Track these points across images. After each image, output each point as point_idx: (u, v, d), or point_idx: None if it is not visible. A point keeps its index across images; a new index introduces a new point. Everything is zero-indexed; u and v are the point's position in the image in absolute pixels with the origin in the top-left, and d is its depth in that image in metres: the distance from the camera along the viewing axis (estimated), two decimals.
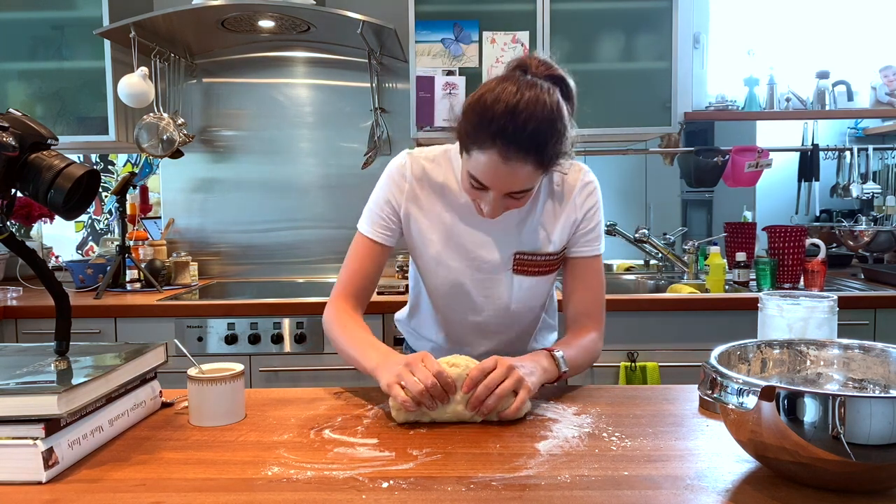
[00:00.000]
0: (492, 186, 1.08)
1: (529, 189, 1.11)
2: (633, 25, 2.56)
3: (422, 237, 1.28)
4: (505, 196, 1.10)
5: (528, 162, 1.05)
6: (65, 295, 0.99)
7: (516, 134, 1.02)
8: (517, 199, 1.12)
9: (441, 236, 1.27)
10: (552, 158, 1.08)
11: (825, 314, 1.12)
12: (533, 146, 1.04)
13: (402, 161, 1.27)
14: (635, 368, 2.27)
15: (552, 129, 1.05)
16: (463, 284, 1.28)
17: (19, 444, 0.82)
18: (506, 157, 1.04)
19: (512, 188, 1.08)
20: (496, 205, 1.11)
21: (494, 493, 0.77)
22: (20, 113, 0.93)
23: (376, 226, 1.27)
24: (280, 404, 1.12)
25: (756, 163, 2.80)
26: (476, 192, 1.12)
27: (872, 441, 0.68)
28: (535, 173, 1.08)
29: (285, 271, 2.98)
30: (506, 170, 1.05)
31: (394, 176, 1.27)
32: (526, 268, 1.27)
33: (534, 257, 1.26)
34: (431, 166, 1.26)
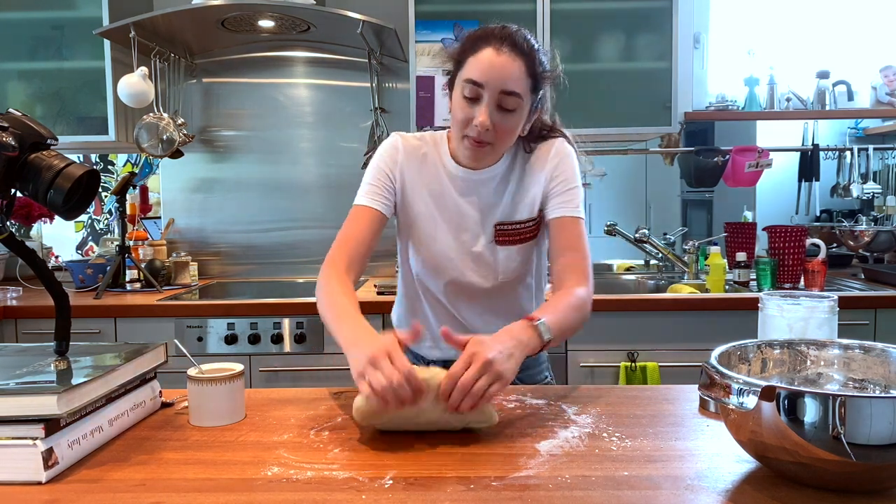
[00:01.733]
0: (485, 82, 1.14)
1: (517, 95, 1.15)
2: (633, 25, 2.56)
3: (414, 209, 1.32)
4: (497, 108, 1.16)
5: (520, 58, 1.15)
6: (65, 295, 0.99)
7: (509, 34, 1.16)
8: (507, 114, 1.17)
9: (431, 209, 1.31)
10: (540, 71, 1.18)
11: (825, 314, 1.12)
12: (524, 46, 1.16)
13: (394, 139, 1.34)
14: (635, 368, 2.27)
15: (538, 46, 1.20)
16: (452, 258, 1.31)
17: (19, 444, 0.81)
18: (499, 51, 1.15)
19: (504, 85, 1.14)
20: (488, 109, 1.15)
21: (494, 493, 0.77)
22: (20, 113, 0.93)
23: (372, 194, 1.29)
24: (280, 404, 1.12)
25: (756, 163, 2.80)
26: (469, 107, 1.17)
27: (872, 441, 0.68)
28: (524, 77, 1.16)
29: (285, 271, 2.98)
30: (499, 60, 1.14)
31: (387, 149, 1.33)
32: (507, 237, 1.30)
33: (513, 226, 1.30)
34: (419, 143, 1.34)
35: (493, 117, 1.16)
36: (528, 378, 1.41)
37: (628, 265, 3.06)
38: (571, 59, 2.55)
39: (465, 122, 1.19)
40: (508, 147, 1.27)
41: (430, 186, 1.31)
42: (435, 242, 1.32)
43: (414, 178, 1.32)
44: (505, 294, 1.35)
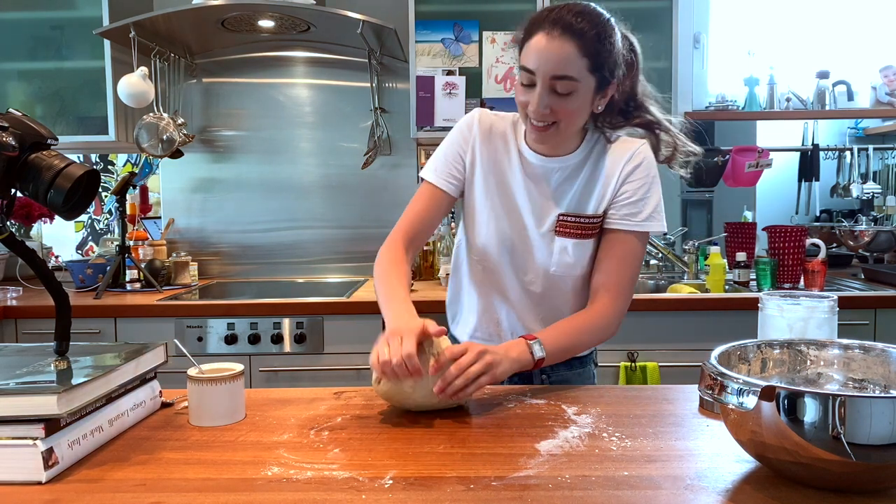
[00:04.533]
0: (536, 69, 1.13)
1: (570, 79, 1.13)
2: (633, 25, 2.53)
3: (480, 188, 1.32)
4: (551, 92, 1.14)
5: (572, 40, 1.11)
6: (65, 295, 0.99)
7: (561, 15, 1.12)
8: (562, 98, 1.15)
9: (494, 190, 1.31)
10: (597, 51, 1.13)
11: (825, 314, 1.12)
12: (577, 25, 1.11)
13: (472, 115, 1.34)
14: (635, 368, 2.27)
15: (598, 21, 1.14)
16: (511, 238, 1.31)
17: (19, 444, 0.81)
18: (550, 35, 1.11)
19: (555, 70, 1.12)
20: (541, 96, 1.14)
21: (494, 493, 0.77)
22: (20, 113, 0.93)
23: (441, 173, 1.31)
24: (280, 404, 1.12)
25: (756, 163, 2.81)
26: (526, 93, 1.16)
27: (872, 441, 0.68)
28: (578, 58, 1.12)
29: (285, 271, 2.98)
30: (549, 46, 1.11)
31: (462, 129, 1.33)
32: (568, 230, 1.28)
33: (576, 219, 1.28)
34: (499, 123, 1.33)
35: (547, 102, 1.15)
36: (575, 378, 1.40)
37: None
38: None
39: (523, 106, 1.20)
40: (577, 127, 1.23)
41: (500, 167, 1.31)
42: (490, 225, 1.31)
43: (485, 157, 1.31)
44: (557, 290, 1.32)
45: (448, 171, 1.31)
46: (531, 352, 1.14)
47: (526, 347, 1.14)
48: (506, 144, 1.32)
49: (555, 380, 1.38)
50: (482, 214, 1.32)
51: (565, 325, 1.23)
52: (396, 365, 0.99)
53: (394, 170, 2.94)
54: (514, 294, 1.34)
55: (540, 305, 1.34)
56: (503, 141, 1.32)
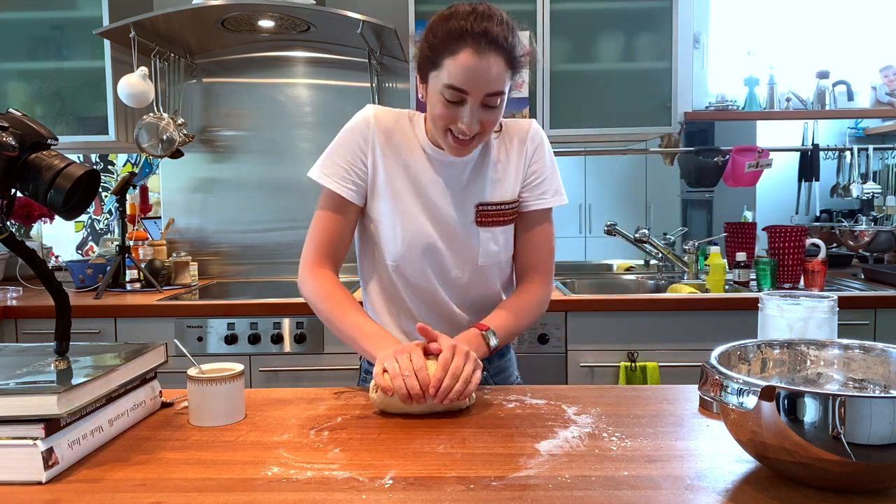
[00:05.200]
0: (469, 88, 1.10)
1: (502, 93, 1.12)
2: (633, 25, 2.56)
3: (387, 187, 1.25)
4: (481, 106, 1.12)
5: (500, 55, 1.09)
6: (65, 295, 0.99)
7: (485, 29, 1.08)
8: (491, 110, 1.13)
9: (407, 187, 1.25)
10: (518, 58, 1.13)
11: (825, 314, 1.12)
12: (502, 38, 1.09)
13: (366, 112, 1.28)
14: (635, 368, 2.27)
15: (512, 27, 1.12)
16: (433, 241, 1.26)
17: (19, 444, 0.81)
18: (479, 52, 1.08)
19: (488, 87, 1.10)
20: (473, 113, 1.12)
21: (494, 493, 0.77)
22: (20, 113, 0.93)
23: (340, 178, 1.24)
24: (280, 404, 1.12)
25: (756, 163, 2.81)
26: (451, 110, 1.12)
27: (873, 441, 0.68)
28: (505, 72, 1.11)
29: (285, 271, 2.98)
30: (481, 65, 1.08)
31: (359, 129, 1.26)
32: (489, 219, 1.27)
33: (496, 207, 1.27)
34: (393, 117, 1.28)
35: (478, 117, 1.13)
36: (501, 381, 1.39)
37: (628, 265, 3.06)
38: (571, 59, 2.56)
39: (446, 121, 1.14)
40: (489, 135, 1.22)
41: (403, 166, 1.25)
42: (410, 225, 1.25)
43: (387, 155, 1.25)
44: (484, 277, 1.31)
45: (349, 175, 1.24)
46: (487, 342, 1.19)
47: (482, 340, 1.19)
48: (408, 142, 1.26)
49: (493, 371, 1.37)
50: (396, 218, 1.25)
51: (509, 310, 1.26)
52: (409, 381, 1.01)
53: None
54: (438, 293, 1.29)
55: (464, 297, 1.32)
56: (404, 139, 1.26)
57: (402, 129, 1.27)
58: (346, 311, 1.20)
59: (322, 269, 1.24)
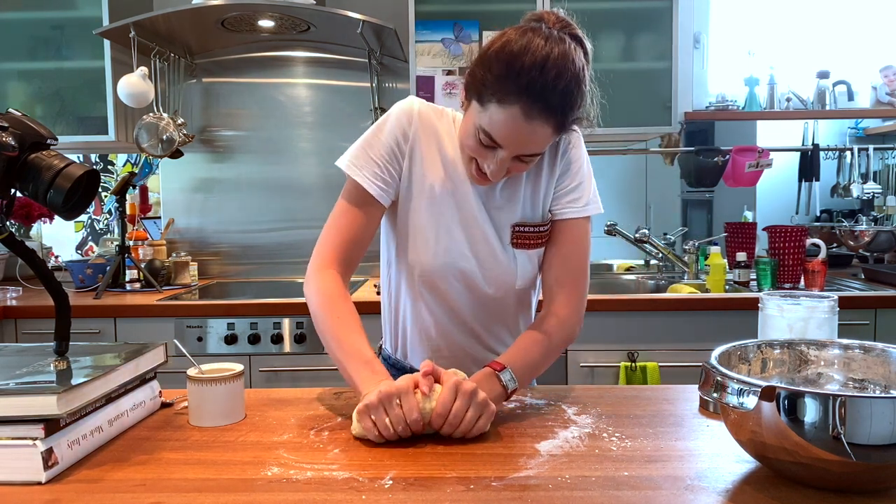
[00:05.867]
0: (506, 145, 1.00)
1: (539, 154, 1.04)
2: (633, 25, 2.56)
3: (427, 193, 1.13)
4: (512, 160, 1.03)
5: (549, 123, 0.98)
6: (64, 295, 0.99)
7: (545, 91, 0.95)
8: (523, 163, 1.04)
9: (447, 196, 1.14)
10: (572, 123, 1.03)
11: (825, 314, 1.11)
12: (559, 106, 0.97)
13: (410, 105, 1.15)
14: (635, 368, 2.27)
15: (578, 90, 1.00)
16: (467, 260, 1.16)
17: (19, 444, 0.81)
18: (529, 115, 0.97)
19: (527, 149, 1.01)
20: (502, 166, 1.03)
21: (494, 494, 0.77)
22: (20, 113, 0.93)
23: (375, 177, 1.11)
24: (280, 404, 1.12)
25: (756, 163, 2.81)
26: (482, 150, 1.03)
27: (873, 441, 0.68)
28: (550, 137, 1.01)
29: (285, 271, 2.98)
30: (527, 128, 0.98)
31: (399, 121, 1.13)
32: (525, 240, 1.17)
33: (533, 229, 1.16)
34: (437, 115, 1.16)
35: (507, 166, 1.04)
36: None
37: (628, 265, 3.06)
38: None
39: (474, 153, 1.06)
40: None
41: (446, 168, 1.14)
42: (448, 239, 1.15)
43: (427, 159, 1.13)
44: (514, 300, 1.23)
45: (381, 173, 1.11)
46: (502, 383, 1.02)
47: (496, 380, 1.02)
48: (451, 144, 1.14)
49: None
50: (431, 227, 1.15)
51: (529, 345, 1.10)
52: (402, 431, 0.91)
53: None
54: (467, 313, 1.20)
55: (492, 317, 1.23)
56: (448, 140, 1.14)
57: (446, 128, 1.16)
58: (343, 328, 1.06)
59: (331, 270, 1.11)
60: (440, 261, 1.16)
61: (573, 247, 1.16)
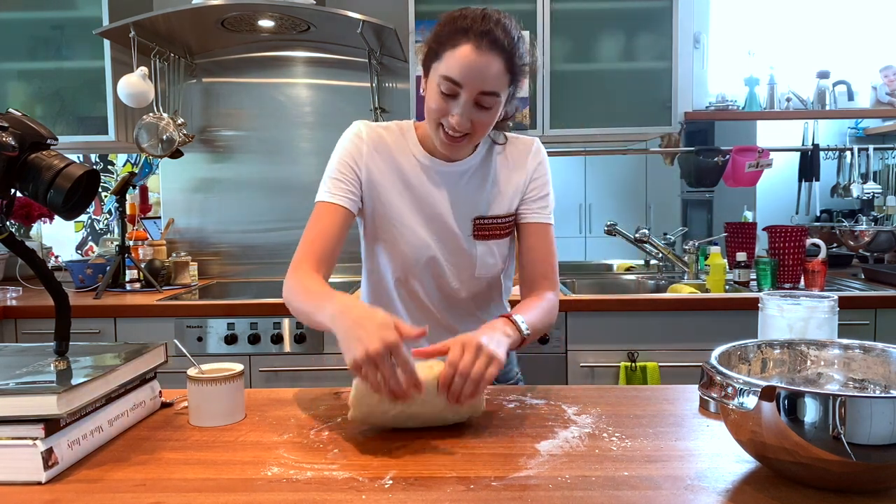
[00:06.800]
0: (464, 82, 1.10)
1: (496, 94, 1.13)
2: (633, 25, 2.56)
3: (386, 201, 1.26)
4: (474, 105, 1.13)
5: (500, 56, 1.10)
6: (64, 295, 0.99)
7: (489, 28, 1.09)
8: (484, 111, 1.14)
9: (405, 200, 1.26)
10: (519, 64, 1.14)
11: (826, 314, 1.12)
12: (504, 41, 1.10)
13: (356, 128, 1.28)
14: (635, 368, 2.27)
15: (519, 34, 1.13)
16: (432, 253, 1.27)
17: (19, 444, 0.81)
18: (479, 49, 1.09)
19: (484, 85, 1.11)
20: (466, 109, 1.12)
21: (494, 494, 0.77)
22: (20, 113, 0.93)
23: (336, 189, 1.23)
24: (280, 404, 1.12)
25: (756, 163, 2.81)
26: (446, 103, 1.13)
27: (873, 441, 0.68)
28: (503, 74, 1.12)
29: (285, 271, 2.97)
30: (480, 61, 1.09)
31: (352, 139, 1.26)
32: (486, 232, 1.29)
33: (493, 220, 1.29)
34: (385, 132, 1.28)
35: (469, 115, 1.13)
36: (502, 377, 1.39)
37: (628, 265, 3.06)
38: (571, 59, 2.55)
39: (439, 114, 1.15)
40: (483, 137, 1.23)
41: (400, 178, 1.26)
42: (411, 238, 1.26)
43: (382, 170, 1.25)
44: (480, 292, 1.33)
45: (341, 186, 1.23)
46: (518, 328, 1.09)
47: (513, 326, 1.09)
48: (401, 155, 1.27)
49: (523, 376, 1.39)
50: (392, 232, 1.27)
51: (532, 306, 1.20)
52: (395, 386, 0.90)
53: None
54: (439, 303, 1.32)
55: (464, 308, 1.34)
56: (397, 151, 1.27)
57: (393, 140, 1.28)
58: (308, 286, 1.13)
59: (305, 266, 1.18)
60: (409, 256, 1.28)
61: (546, 245, 1.30)
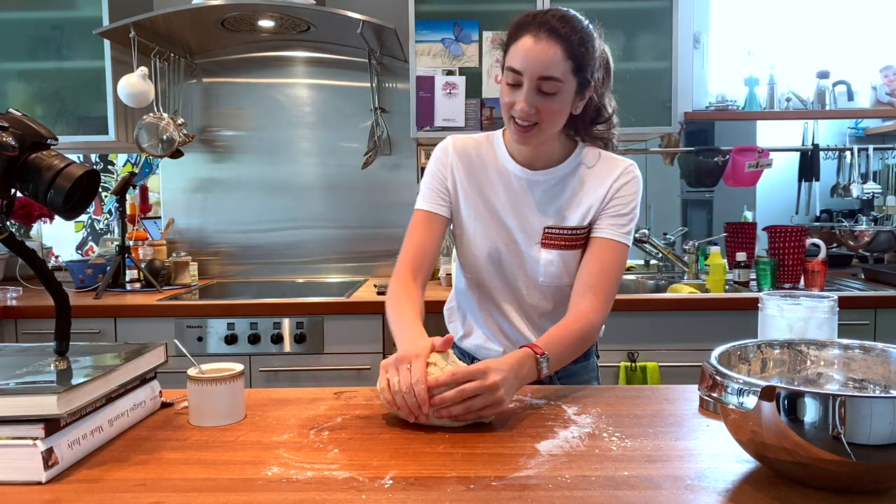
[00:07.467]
0: (523, 69, 1.16)
1: (555, 79, 1.16)
2: (633, 25, 2.56)
3: (466, 206, 1.35)
4: (537, 92, 1.17)
5: (557, 43, 1.15)
6: (65, 295, 0.99)
7: (547, 19, 1.17)
8: (546, 97, 1.18)
9: (482, 207, 1.34)
10: (581, 52, 1.18)
11: (825, 314, 1.12)
12: (562, 29, 1.16)
13: (445, 142, 1.38)
14: (635, 368, 2.27)
15: (581, 26, 1.19)
16: (500, 253, 1.34)
17: (19, 444, 0.81)
18: (537, 38, 1.16)
19: (542, 70, 1.16)
20: (528, 95, 1.17)
21: (494, 494, 0.77)
22: (20, 113, 0.93)
23: (428, 198, 1.35)
24: (280, 404, 1.12)
25: (756, 163, 2.81)
26: (512, 93, 1.20)
27: (872, 441, 0.68)
28: (563, 60, 1.16)
29: (285, 271, 2.98)
30: (536, 48, 1.15)
31: (438, 154, 1.37)
32: (553, 241, 1.31)
33: (561, 231, 1.31)
34: (473, 144, 1.37)
35: (533, 101, 1.18)
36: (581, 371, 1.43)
37: (628, 265, 3.06)
38: None
39: (508, 107, 1.22)
40: (557, 128, 1.25)
41: (481, 186, 1.34)
42: (482, 242, 1.34)
43: (466, 178, 1.34)
44: (545, 297, 1.36)
45: (436, 195, 1.35)
46: (539, 369, 1.10)
47: (534, 365, 1.10)
48: (484, 163, 1.35)
49: (562, 374, 1.39)
50: (469, 234, 1.36)
51: (563, 335, 1.19)
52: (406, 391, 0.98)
53: (394, 170, 2.94)
54: (508, 305, 1.38)
55: (533, 313, 1.38)
56: (481, 160, 1.35)
57: (479, 150, 1.36)
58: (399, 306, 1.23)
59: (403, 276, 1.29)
60: (478, 257, 1.36)
61: (610, 261, 1.29)
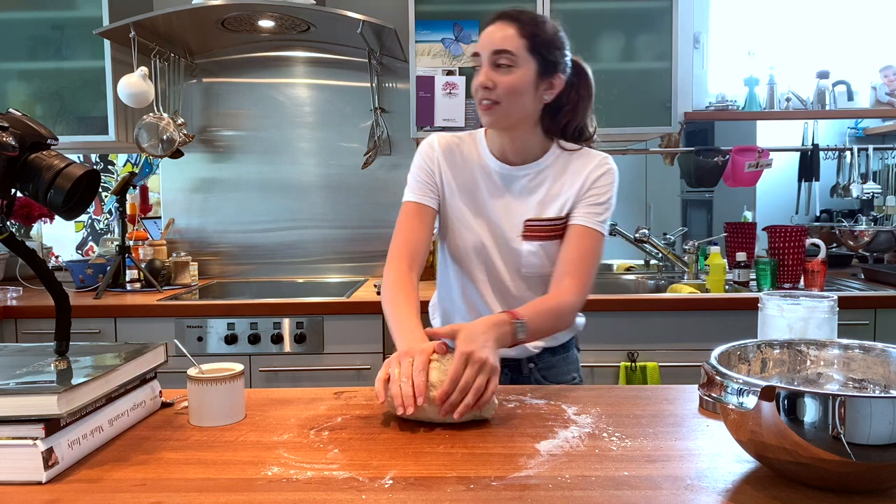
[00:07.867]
0: (480, 48, 1.27)
1: (507, 52, 1.24)
2: (633, 25, 2.56)
3: (450, 202, 1.40)
4: (493, 67, 1.25)
5: (511, 23, 1.25)
6: (65, 295, 0.99)
7: (507, 10, 1.28)
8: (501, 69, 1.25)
9: (467, 201, 1.39)
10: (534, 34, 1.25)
11: (825, 314, 1.12)
12: (518, 14, 1.27)
13: (430, 139, 1.42)
14: (635, 368, 2.27)
15: (541, 18, 1.29)
16: (485, 247, 1.38)
17: (19, 444, 0.81)
18: (494, 23, 1.27)
19: (496, 45, 1.25)
20: (486, 70, 1.26)
21: (494, 494, 0.77)
22: (20, 113, 0.93)
23: (417, 190, 1.38)
24: (280, 404, 1.12)
25: (756, 163, 2.80)
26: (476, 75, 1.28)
27: (872, 441, 0.68)
28: (516, 38, 1.25)
29: (285, 271, 2.98)
30: (491, 29, 1.27)
31: (424, 150, 1.41)
32: (534, 233, 1.35)
33: (541, 223, 1.35)
34: (456, 141, 1.41)
35: (490, 76, 1.25)
36: (553, 377, 1.44)
37: (628, 265, 3.06)
38: None
39: (474, 91, 1.29)
40: (519, 107, 1.28)
41: (466, 180, 1.38)
42: (467, 235, 1.38)
43: (451, 173, 1.38)
44: (529, 287, 1.39)
45: (424, 187, 1.38)
46: (514, 332, 1.14)
47: (510, 328, 1.13)
48: (467, 160, 1.39)
49: (542, 366, 1.44)
50: (454, 226, 1.40)
51: (541, 307, 1.23)
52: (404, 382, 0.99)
53: (394, 170, 2.94)
54: (490, 295, 1.41)
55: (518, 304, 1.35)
56: (463, 157, 1.39)
57: (462, 147, 1.41)
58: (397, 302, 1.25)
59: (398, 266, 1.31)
60: (462, 248, 1.39)
61: (587, 248, 1.32)
